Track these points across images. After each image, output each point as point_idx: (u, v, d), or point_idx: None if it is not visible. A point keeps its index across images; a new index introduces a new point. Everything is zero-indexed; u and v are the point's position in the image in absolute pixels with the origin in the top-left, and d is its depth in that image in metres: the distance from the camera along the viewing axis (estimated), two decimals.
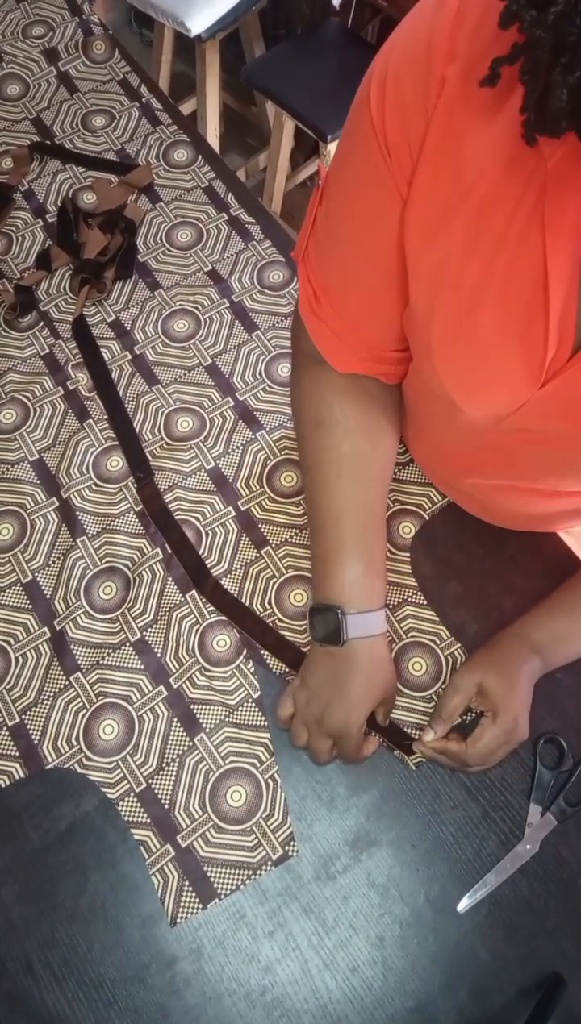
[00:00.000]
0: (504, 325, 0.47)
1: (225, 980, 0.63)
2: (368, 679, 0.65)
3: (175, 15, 1.63)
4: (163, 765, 0.69)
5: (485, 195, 0.44)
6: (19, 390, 0.85)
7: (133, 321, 0.89)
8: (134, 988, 0.62)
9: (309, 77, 1.67)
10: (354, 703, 0.64)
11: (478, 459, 0.63)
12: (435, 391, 0.56)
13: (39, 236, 0.95)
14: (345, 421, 0.66)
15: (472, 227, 0.45)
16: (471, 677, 0.65)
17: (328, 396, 0.66)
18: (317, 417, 0.67)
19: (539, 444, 0.54)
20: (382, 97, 0.46)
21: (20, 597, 0.75)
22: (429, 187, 0.46)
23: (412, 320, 0.54)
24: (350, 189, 0.52)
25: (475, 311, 0.48)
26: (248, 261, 0.93)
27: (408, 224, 0.49)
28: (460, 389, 0.53)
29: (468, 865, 0.66)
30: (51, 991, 0.62)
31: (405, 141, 0.46)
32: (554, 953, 0.63)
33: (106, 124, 1.02)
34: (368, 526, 0.67)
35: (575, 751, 0.69)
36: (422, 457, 0.77)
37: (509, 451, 0.58)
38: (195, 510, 0.79)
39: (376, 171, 0.48)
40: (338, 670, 0.65)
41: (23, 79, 1.05)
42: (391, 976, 0.63)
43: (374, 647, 0.65)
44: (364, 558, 0.66)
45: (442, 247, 0.48)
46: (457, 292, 0.48)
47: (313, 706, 0.65)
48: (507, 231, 0.44)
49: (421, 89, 0.43)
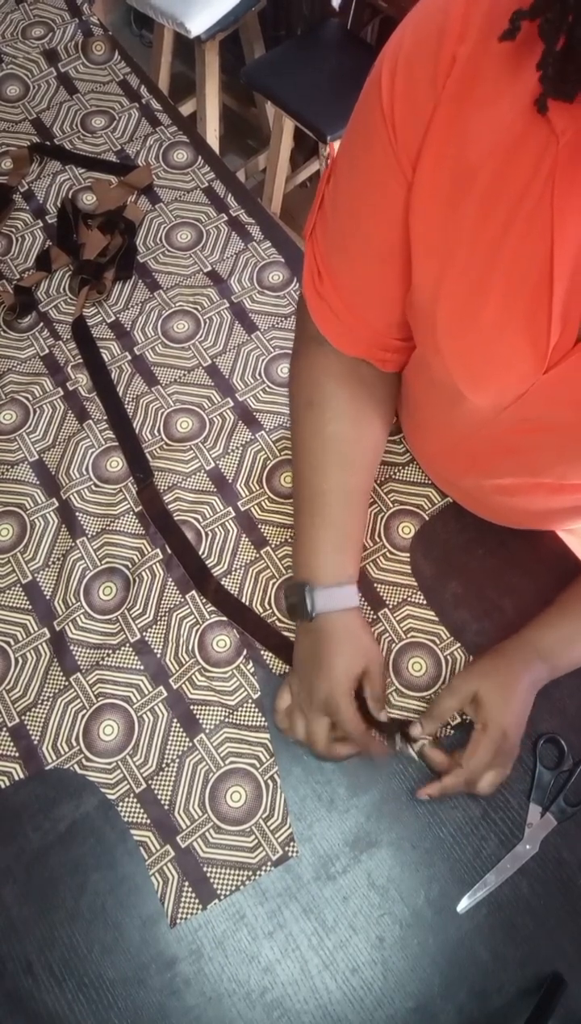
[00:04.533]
0: (510, 309, 0.47)
1: (225, 980, 0.63)
2: (345, 650, 0.65)
3: (175, 16, 1.63)
4: (163, 766, 0.69)
5: (494, 175, 0.44)
6: (19, 391, 0.85)
7: (133, 322, 0.89)
8: (134, 988, 0.62)
9: (309, 77, 1.67)
10: (336, 674, 0.64)
11: (481, 453, 0.63)
12: (439, 380, 0.56)
13: (39, 237, 0.95)
14: (335, 405, 0.67)
15: (480, 208, 0.45)
16: (468, 684, 0.65)
17: (323, 379, 0.67)
18: (309, 398, 0.68)
19: (542, 433, 0.54)
20: (392, 77, 0.46)
21: (20, 598, 0.75)
22: (436, 168, 0.46)
23: (417, 306, 0.54)
24: (355, 171, 0.53)
25: (481, 295, 0.48)
26: (248, 262, 0.93)
27: (414, 207, 0.49)
28: (464, 375, 0.53)
29: (468, 865, 0.66)
30: (51, 991, 0.62)
31: (413, 122, 0.46)
32: (554, 953, 0.63)
33: (106, 125, 1.02)
34: (346, 507, 0.68)
35: (575, 751, 0.69)
36: (424, 455, 0.77)
37: (512, 443, 0.58)
38: (195, 511, 0.79)
39: (382, 154, 0.48)
40: (317, 645, 0.65)
41: (23, 80, 1.05)
42: (391, 976, 0.63)
43: (347, 619, 0.66)
44: (338, 537, 0.67)
45: (449, 230, 0.47)
46: (463, 276, 0.48)
47: (303, 689, 0.66)
48: (515, 212, 0.44)
49: (431, 69, 0.43)
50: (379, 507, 0.79)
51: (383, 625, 0.74)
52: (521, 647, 0.66)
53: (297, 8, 1.89)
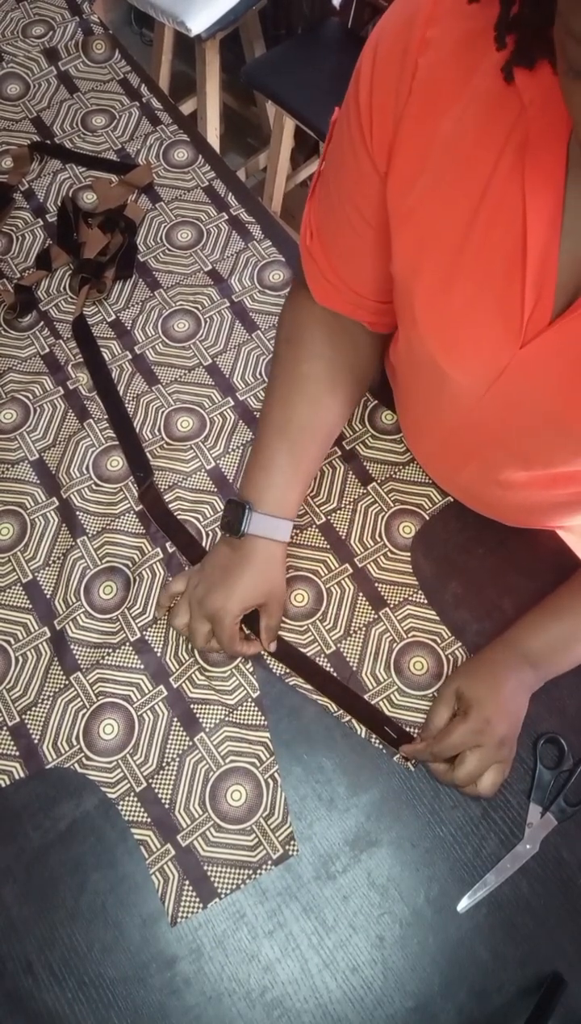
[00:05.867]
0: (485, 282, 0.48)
1: (225, 980, 0.63)
2: (256, 574, 0.67)
3: (175, 15, 1.63)
4: (163, 765, 0.69)
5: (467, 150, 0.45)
6: (19, 390, 0.85)
7: (133, 321, 0.89)
8: (134, 988, 0.62)
9: (309, 77, 1.66)
10: (235, 591, 0.66)
11: (472, 445, 0.63)
12: (419, 356, 0.57)
13: (39, 236, 0.95)
14: (312, 346, 0.69)
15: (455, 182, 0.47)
16: (450, 686, 0.66)
17: (308, 321, 0.70)
18: (288, 335, 0.71)
19: (526, 418, 0.55)
20: (371, 66, 0.48)
21: (20, 597, 0.75)
22: (412, 145, 0.48)
23: (396, 278, 0.56)
24: (337, 148, 0.56)
25: (457, 267, 0.49)
26: (248, 261, 0.93)
27: (391, 183, 0.51)
28: (441, 347, 0.54)
29: (468, 865, 0.66)
30: (51, 991, 0.62)
31: (388, 108, 0.48)
32: (554, 953, 0.63)
33: (106, 124, 1.02)
34: (305, 443, 0.69)
35: (575, 751, 0.69)
36: (422, 453, 0.77)
37: (499, 431, 0.59)
38: (195, 510, 0.79)
39: (359, 140, 0.52)
40: (232, 559, 0.68)
41: (23, 79, 1.05)
42: (391, 976, 0.63)
43: (271, 549, 0.68)
44: (289, 470, 0.69)
45: (425, 208, 0.49)
46: (440, 249, 0.50)
47: (200, 588, 0.68)
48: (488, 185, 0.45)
49: (400, 56, 0.46)
50: (380, 507, 0.79)
51: (384, 624, 0.74)
52: (507, 651, 0.66)
53: (297, 7, 1.89)
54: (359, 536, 0.77)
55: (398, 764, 0.69)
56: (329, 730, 0.70)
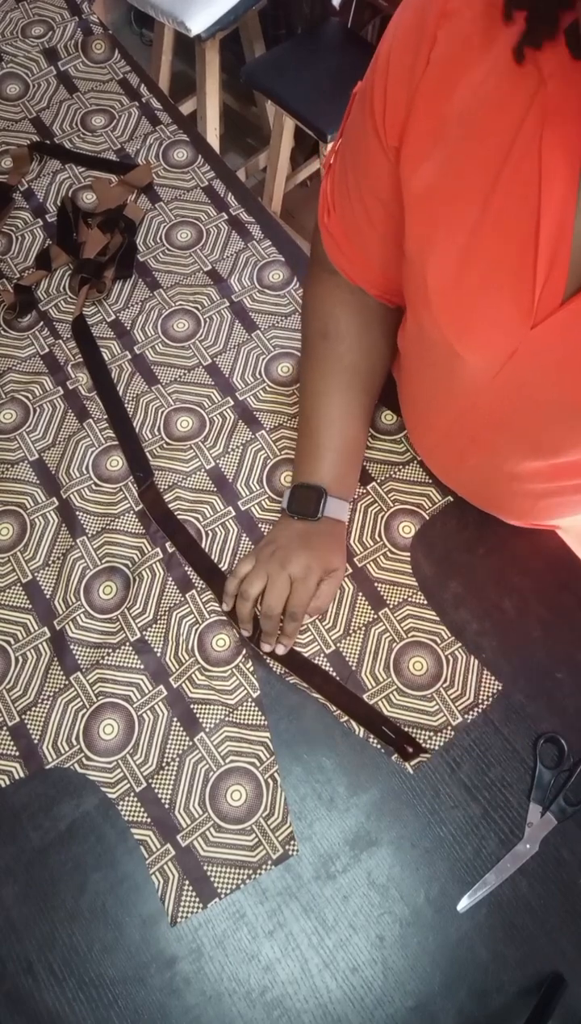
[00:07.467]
0: (500, 260, 0.48)
1: (225, 980, 0.63)
2: (331, 543, 0.74)
3: (175, 15, 1.63)
4: (163, 765, 0.69)
5: (483, 127, 0.45)
6: (19, 390, 0.85)
7: (133, 321, 0.89)
8: (134, 988, 0.62)
9: (309, 77, 1.66)
10: (319, 554, 0.72)
11: (479, 430, 0.63)
12: (430, 337, 0.57)
13: (39, 236, 0.95)
14: (348, 338, 0.73)
15: (470, 159, 0.46)
16: None
17: (337, 311, 0.72)
18: (324, 329, 0.74)
19: (535, 402, 0.54)
20: (391, 40, 0.48)
21: (20, 597, 0.75)
22: (425, 125, 0.48)
23: (408, 258, 0.56)
24: (352, 127, 0.57)
25: (470, 246, 0.49)
26: (248, 261, 0.93)
27: (404, 165, 0.51)
28: (453, 327, 0.54)
29: (468, 865, 0.66)
30: (51, 991, 0.62)
31: (402, 81, 0.48)
32: (554, 953, 0.63)
33: (106, 124, 1.02)
34: (353, 428, 0.75)
35: (575, 751, 0.69)
36: (425, 447, 0.77)
37: (507, 415, 0.58)
38: (195, 510, 0.79)
39: (371, 122, 0.52)
40: (308, 532, 0.73)
41: (23, 79, 1.05)
42: (391, 976, 0.63)
43: (338, 527, 0.74)
44: (345, 457, 0.75)
45: (440, 184, 0.49)
46: (453, 228, 0.49)
47: (278, 555, 0.71)
48: (504, 162, 0.44)
49: (419, 28, 0.46)
50: (379, 506, 0.79)
51: (384, 624, 0.74)
52: None
53: (297, 7, 1.89)
54: (359, 536, 0.77)
55: (397, 764, 0.69)
56: (329, 730, 0.70)
